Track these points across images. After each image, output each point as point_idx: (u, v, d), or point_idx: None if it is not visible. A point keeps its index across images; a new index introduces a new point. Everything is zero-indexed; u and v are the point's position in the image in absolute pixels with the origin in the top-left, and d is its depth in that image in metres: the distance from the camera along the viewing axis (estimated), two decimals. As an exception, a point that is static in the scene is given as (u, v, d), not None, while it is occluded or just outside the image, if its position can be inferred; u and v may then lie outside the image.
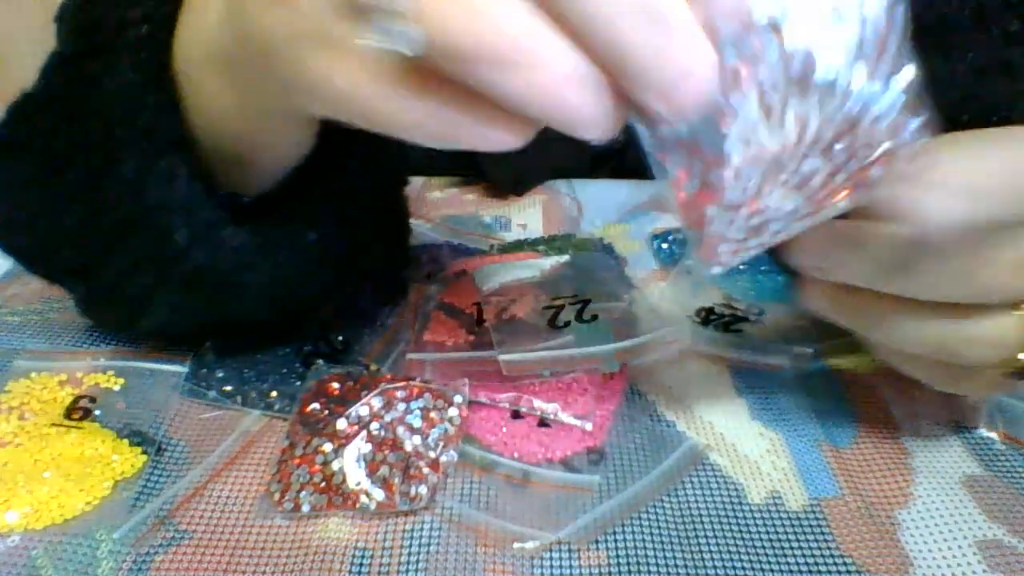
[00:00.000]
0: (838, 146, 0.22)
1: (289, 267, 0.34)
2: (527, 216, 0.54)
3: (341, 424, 0.33)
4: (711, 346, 0.40)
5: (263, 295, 0.35)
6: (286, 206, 0.34)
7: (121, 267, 0.34)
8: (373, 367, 0.38)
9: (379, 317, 0.42)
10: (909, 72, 0.22)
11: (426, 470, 0.32)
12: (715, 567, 0.29)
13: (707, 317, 0.42)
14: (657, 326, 0.38)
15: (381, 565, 0.29)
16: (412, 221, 0.44)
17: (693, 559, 0.29)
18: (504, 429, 0.35)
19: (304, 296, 0.38)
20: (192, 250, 0.31)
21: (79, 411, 0.35)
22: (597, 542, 0.30)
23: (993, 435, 0.34)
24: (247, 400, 0.36)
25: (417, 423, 0.33)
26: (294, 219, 0.34)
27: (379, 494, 0.31)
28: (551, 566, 0.29)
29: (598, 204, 0.55)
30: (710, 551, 0.29)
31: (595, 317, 0.38)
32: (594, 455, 0.33)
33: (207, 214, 0.31)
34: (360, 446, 0.32)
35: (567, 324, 0.37)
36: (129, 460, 0.33)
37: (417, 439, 0.33)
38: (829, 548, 0.29)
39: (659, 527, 0.30)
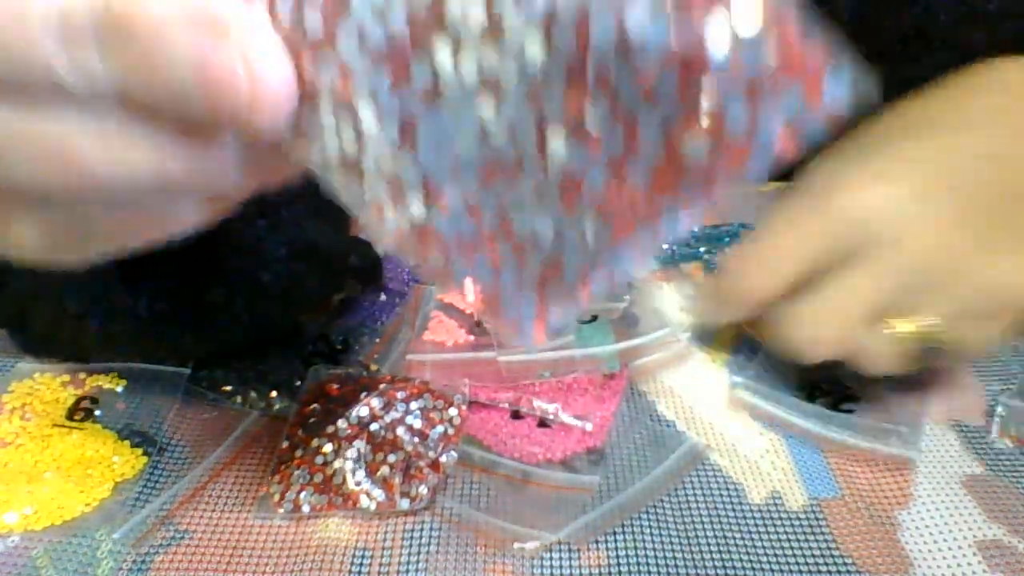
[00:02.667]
0: (593, 114, 0.14)
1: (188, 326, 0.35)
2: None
3: (341, 425, 0.33)
4: (816, 426, 0.35)
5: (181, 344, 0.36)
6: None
7: (43, 328, 0.35)
8: (373, 367, 0.38)
9: (378, 316, 0.42)
10: None
11: (426, 470, 0.32)
12: (715, 567, 0.29)
13: (812, 392, 0.36)
14: (657, 326, 0.38)
15: (381, 565, 0.29)
16: None
17: (693, 559, 0.29)
18: (504, 429, 0.35)
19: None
20: (89, 317, 0.32)
21: (81, 412, 0.35)
22: (597, 542, 0.30)
23: (1007, 441, 0.34)
24: (247, 400, 0.36)
25: (417, 424, 0.33)
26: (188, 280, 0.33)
27: (379, 494, 0.31)
28: (551, 566, 0.29)
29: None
30: (710, 551, 0.29)
31: (594, 317, 0.38)
32: (594, 455, 0.33)
33: (97, 287, 0.30)
34: (360, 447, 0.32)
35: None
36: (130, 462, 0.33)
37: (417, 440, 0.33)
38: (829, 548, 0.29)
39: (659, 527, 0.30)
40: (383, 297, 0.43)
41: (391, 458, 0.32)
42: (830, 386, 0.36)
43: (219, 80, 0.14)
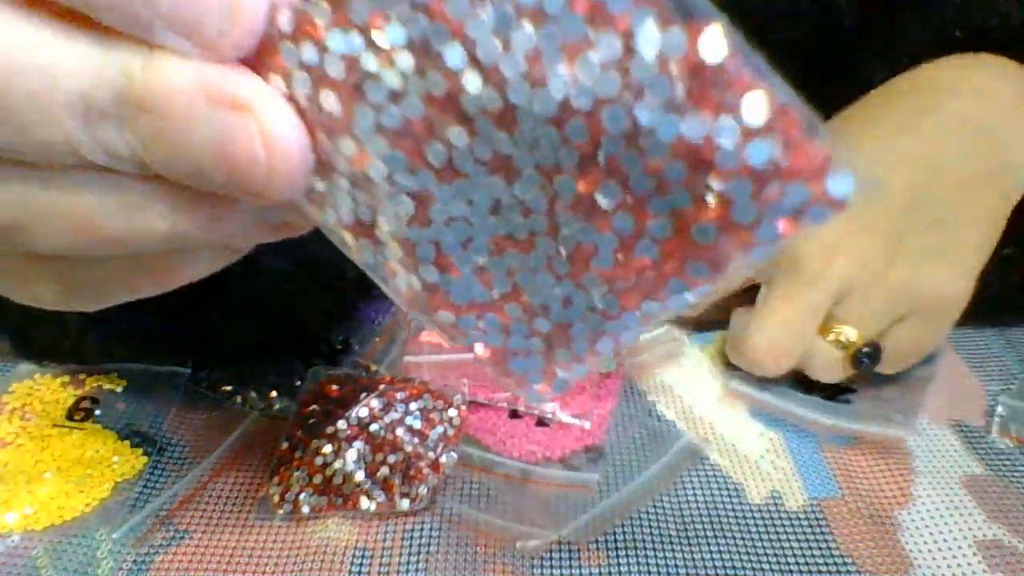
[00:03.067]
0: (605, 198, 0.14)
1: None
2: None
3: (341, 426, 0.33)
4: (811, 412, 0.36)
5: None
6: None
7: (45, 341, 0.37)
8: (372, 367, 0.38)
9: (376, 316, 0.42)
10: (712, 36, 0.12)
11: (426, 471, 0.32)
12: (715, 567, 0.29)
13: (809, 387, 0.37)
14: (655, 325, 0.38)
15: (381, 565, 0.29)
16: None
17: (693, 559, 0.29)
18: (503, 429, 0.35)
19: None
20: (91, 332, 0.33)
21: (81, 412, 0.35)
22: (597, 542, 0.30)
23: (1007, 441, 0.34)
24: (247, 400, 0.36)
25: (417, 424, 0.33)
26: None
27: (379, 495, 0.31)
28: (551, 566, 0.29)
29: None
30: (710, 551, 0.29)
31: None
32: (593, 453, 0.33)
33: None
34: (360, 448, 0.32)
35: None
36: (130, 462, 0.33)
37: (417, 440, 0.33)
38: (829, 548, 0.29)
39: (659, 527, 0.30)
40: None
41: (391, 459, 0.32)
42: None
43: (238, 155, 0.14)
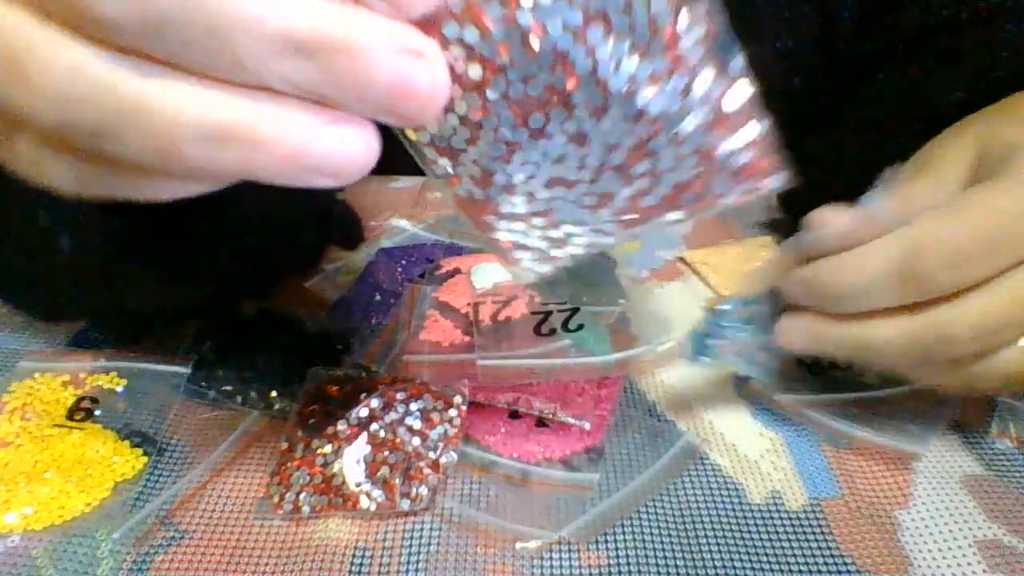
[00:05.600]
0: (640, 162, 0.21)
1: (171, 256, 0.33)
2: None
3: (341, 426, 0.33)
4: (826, 416, 0.35)
5: (157, 281, 0.35)
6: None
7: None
8: (372, 368, 0.38)
9: (375, 316, 0.42)
10: (737, 74, 0.19)
11: (426, 471, 0.32)
12: (715, 567, 0.29)
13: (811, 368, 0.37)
14: (654, 331, 0.38)
15: (381, 565, 0.29)
16: (405, 223, 0.45)
17: (693, 559, 0.29)
18: (503, 429, 0.35)
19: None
20: (58, 236, 0.30)
21: (81, 412, 0.35)
22: (597, 542, 0.30)
23: (1007, 441, 0.34)
24: (247, 400, 0.36)
25: (417, 424, 0.33)
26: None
27: (379, 495, 0.31)
28: (551, 566, 0.29)
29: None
30: (710, 551, 0.29)
31: (580, 327, 0.37)
32: (593, 454, 0.33)
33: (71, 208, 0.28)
34: (360, 447, 0.32)
35: (552, 332, 0.37)
36: (130, 462, 0.33)
37: (417, 440, 0.33)
38: (829, 548, 0.29)
39: (659, 527, 0.30)
40: (378, 297, 0.43)
41: (391, 459, 0.32)
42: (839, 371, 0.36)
43: (410, 90, 0.17)
